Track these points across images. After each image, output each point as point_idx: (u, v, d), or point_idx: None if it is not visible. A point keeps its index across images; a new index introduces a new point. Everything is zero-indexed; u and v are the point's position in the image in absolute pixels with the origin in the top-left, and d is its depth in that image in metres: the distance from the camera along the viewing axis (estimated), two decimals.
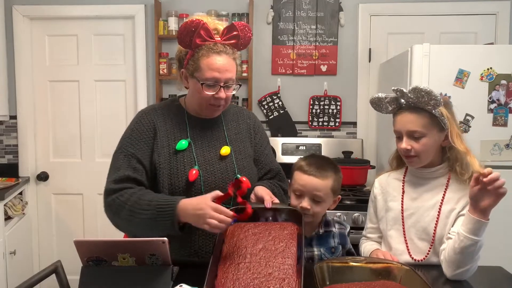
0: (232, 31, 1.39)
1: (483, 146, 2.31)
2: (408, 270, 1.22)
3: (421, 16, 3.08)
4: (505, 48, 2.48)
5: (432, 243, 1.45)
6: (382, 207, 1.57)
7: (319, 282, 1.14)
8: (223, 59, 1.37)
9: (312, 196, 1.41)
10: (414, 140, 1.42)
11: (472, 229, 1.29)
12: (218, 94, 1.39)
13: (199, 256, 1.44)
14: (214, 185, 1.43)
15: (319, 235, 1.48)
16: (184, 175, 1.41)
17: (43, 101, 3.21)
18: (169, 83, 3.15)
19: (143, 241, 1.21)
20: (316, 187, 1.40)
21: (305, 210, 1.40)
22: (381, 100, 1.48)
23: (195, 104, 1.47)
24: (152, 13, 3.07)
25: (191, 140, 1.46)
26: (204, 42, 1.36)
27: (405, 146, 1.42)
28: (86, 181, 3.23)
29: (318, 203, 1.42)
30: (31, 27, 3.17)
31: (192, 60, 1.39)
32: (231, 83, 1.41)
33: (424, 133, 1.40)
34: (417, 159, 1.44)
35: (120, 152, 1.45)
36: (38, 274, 1.21)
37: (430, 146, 1.42)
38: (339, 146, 3.05)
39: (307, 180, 1.41)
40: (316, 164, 1.43)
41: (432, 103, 1.36)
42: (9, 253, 2.74)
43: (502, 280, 1.39)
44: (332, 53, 3.12)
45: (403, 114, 1.44)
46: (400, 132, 1.45)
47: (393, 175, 1.59)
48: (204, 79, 1.37)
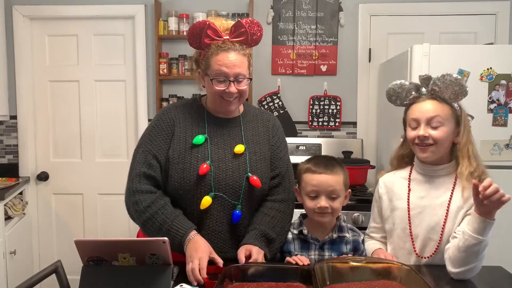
0: (239, 29, 1.44)
1: (483, 146, 2.31)
2: (409, 270, 1.22)
3: (421, 16, 3.08)
4: (505, 48, 2.48)
5: (439, 242, 1.44)
6: (388, 207, 1.55)
7: (319, 282, 1.14)
8: (232, 55, 1.42)
9: (328, 193, 1.41)
10: (432, 128, 1.42)
11: (478, 228, 1.29)
12: (229, 89, 1.44)
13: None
14: (224, 182, 1.46)
15: (332, 240, 1.46)
16: (195, 169, 1.44)
17: (43, 101, 3.21)
18: (169, 83, 3.15)
19: (144, 241, 1.22)
20: (330, 183, 1.40)
21: (324, 209, 1.40)
22: (403, 86, 1.48)
23: (211, 100, 1.53)
24: (152, 13, 3.07)
25: (208, 136, 1.50)
26: (212, 41, 1.43)
27: (423, 132, 1.42)
28: (86, 181, 3.23)
29: (335, 199, 1.42)
30: (31, 27, 3.16)
31: (204, 60, 1.47)
32: (242, 77, 1.45)
33: (443, 122, 1.41)
34: (433, 148, 1.43)
35: (139, 148, 1.52)
36: (38, 274, 1.21)
37: (446, 136, 1.43)
38: (339, 146, 3.05)
39: (320, 179, 1.41)
40: (323, 163, 1.44)
41: (457, 89, 1.39)
42: (9, 253, 2.74)
43: (502, 280, 1.39)
44: (332, 53, 3.12)
45: (423, 102, 1.45)
46: (417, 120, 1.44)
47: (398, 174, 1.58)
48: (214, 75, 1.43)
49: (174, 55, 3.07)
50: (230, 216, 1.47)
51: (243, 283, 1.22)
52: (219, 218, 1.47)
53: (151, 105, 3.15)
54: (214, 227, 1.47)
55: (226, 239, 1.48)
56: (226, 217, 1.48)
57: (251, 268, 1.29)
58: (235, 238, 1.49)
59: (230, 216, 1.47)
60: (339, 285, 1.17)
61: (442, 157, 1.47)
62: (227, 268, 1.23)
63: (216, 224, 1.47)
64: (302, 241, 1.47)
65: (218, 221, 1.47)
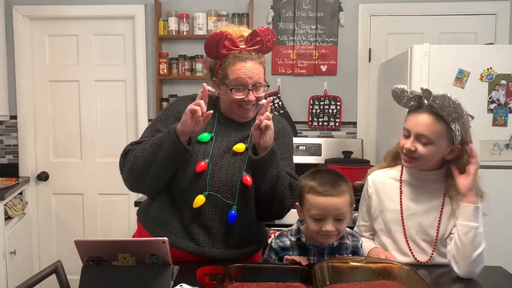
0: (255, 38, 1.46)
1: (483, 146, 2.31)
2: (409, 270, 1.21)
3: (421, 16, 3.08)
4: (505, 48, 2.48)
5: (435, 244, 1.45)
6: (377, 207, 1.55)
7: (319, 282, 1.14)
8: (249, 65, 1.44)
9: (334, 216, 1.31)
10: (421, 143, 1.39)
11: (466, 215, 1.35)
12: (248, 97, 1.45)
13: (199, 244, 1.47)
14: (218, 179, 1.46)
15: (332, 247, 1.42)
16: (194, 165, 1.45)
17: (43, 101, 3.21)
18: (169, 83, 3.15)
19: (143, 241, 1.22)
20: (337, 206, 1.30)
21: (330, 232, 1.31)
22: (404, 93, 1.44)
23: (227, 107, 1.53)
24: (152, 13, 3.07)
25: (215, 136, 1.51)
26: (229, 51, 1.44)
27: (410, 146, 1.41)
28: (86, 181, 3.23)
29: (341, 221, 1.33)
30: (31, 27, 3.17)
31: (221, 69, 1.48)
32: (259, 85, 1.47)
33: (433, 141, 1.38)
34: (417, 162, 1.43)
35: (149, 127, 1.58)
36: (38, 274, 1.21)
37: (433, 155, 1.41)
38: (339, 146, 3.04)
39: (326, 202, 1.30)
40: (329, 182, 1.33)
41: (454, 116, 1.34)
42: (9, 253, 2.74)
43: (502, 280, 1.39)
44: (332, 53, 3.12)
45: (419, 115, 1.40)
46: (409, 131, 1.42)
47: (388, 174, 1.57)
48: (233, 85, 1.45)
49: (174, 55, 3.07)
50: (224, 215, 1.47)
51: (243, 283, 1.22)
52: (212, 216, 1.47)
53: (151, 105, 3.15)
54: (207, 224, 1.47)
55: (219, 237, 1.48)
56: (219, 216, 1.47)
57: (251, 268, 1.29)
58: (230, 236, 1.49)
59: (224, 216, 1.47)
60: (339, 285, 1.17)
61: (431, 166, 1.47)
62: (227, 268, 1.23)
63: (209, 222, 1.47)
64: (300, 247, 1.43)
65: (211, 219, 1.47)
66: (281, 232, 1.48)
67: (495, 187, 2.24)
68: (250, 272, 1.27)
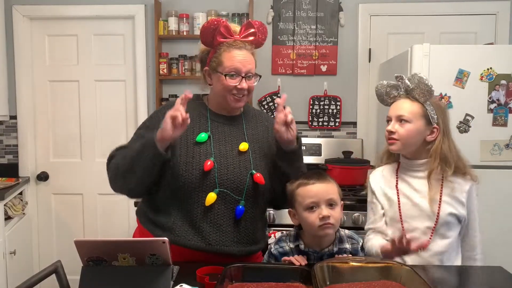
0: (250, 28, 1.52)
1: (483, 146, 2.31)
2: (409, 270, 1.22)
3: (421, 16, 3.08)
4: (505, 48, 2.48)
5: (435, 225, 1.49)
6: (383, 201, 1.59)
7: (319, 282, 1.14)
8: (243, 53, 1.50)
9: (327, 201, 1.36)
10: (400, 125, 1.51)
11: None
12: (241, 85, 1.49)
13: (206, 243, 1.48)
14: (226, 177, 1.48)
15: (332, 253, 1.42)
16: (199, 165, 1.47)
17: (43, 101, 3.21)
18: (169, 83, 3.15)
19: (143, 241, 1.22)
20: (328, 191, 1.37)
21: (327, 218, 1.34)
22: (384, 86, 1.58)
23: (219, 97, 1.55)
24: (152, 13, 3.07)
25: (211, 134, 1.53)
26: (225, 39, 1.48)
27: (390, 128, 1.52)
28: (86, 181, 3.23)
29: (334, 208, 1.37)
30: (31, 27, 3.16)
31: (215, 57, 1.51)
32: (252, 74, 1.52)
33: (410, 119, 1.49)
34: (398, 143, 1.52)
35: (135, 133, 1.62)
36: (38, 274, 1.21)
37: (412, 134, 1.49)
38: (339, 146, 3.04)
39: (317, 189, 1.37)
40: (315, 174, 1.43)
41: (423, 87, 1.46)
42: (9, 253, 2.74)
43: (502, 280, 1.39)
44: (332, 53, 3.12)
45: (398, 101, 1.55)
46: (390, 117, 1.55)
47: (387, 169, 1.64)
48: (227, 71, 1.48)
49: (174, 55, 3.07)
50: (233, 211, 1.49)
51: (243, 283, 1.22)
52: (222, 213, 1.49)
53: (151, 105, 3.15)
54: (217, 221, 1.49)
55: (229, 233, 1.50)
56: (229, 212, 1.50)
57: (251, 268, 1.29)
58: (237, 232, 1.51)
59: (233, 211, 1.49)
60: (339, 285, 1.17)
61: (418, 154, 1.54)
62: (227, 268, 1.23)
63: (219, 219, 1.49)
64: (300, 252, 1.43)
65: (221, 216, 1.49)
66: (279, 237, 1.50)
67: (495, 187, 2.25)
68: (250, 272, 1.27)
